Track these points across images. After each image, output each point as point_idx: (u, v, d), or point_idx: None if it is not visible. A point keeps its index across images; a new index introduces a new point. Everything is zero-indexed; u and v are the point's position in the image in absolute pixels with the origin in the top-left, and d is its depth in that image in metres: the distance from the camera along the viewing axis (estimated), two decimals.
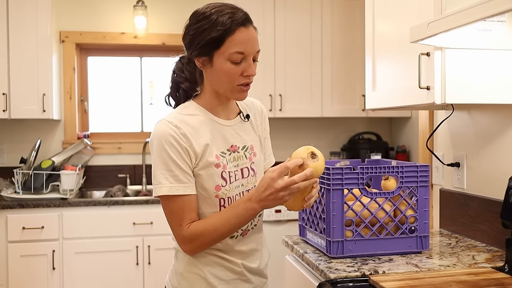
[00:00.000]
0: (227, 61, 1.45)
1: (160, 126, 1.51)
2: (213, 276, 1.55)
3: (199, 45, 1.47)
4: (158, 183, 1.47)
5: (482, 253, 1.85)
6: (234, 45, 1.44)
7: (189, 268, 1.56)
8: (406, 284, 1.47)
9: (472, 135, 2.09)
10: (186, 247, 1.51)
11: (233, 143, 1.57)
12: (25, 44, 3.48)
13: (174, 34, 4.05)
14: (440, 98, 1.67)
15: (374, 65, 2.12)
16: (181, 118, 1.51)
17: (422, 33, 1.48)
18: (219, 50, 1.45)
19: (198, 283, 1.55)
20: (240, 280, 1.59)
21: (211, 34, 1.44)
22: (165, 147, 1.46)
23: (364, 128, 4.32)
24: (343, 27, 3.90)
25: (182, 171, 1.47)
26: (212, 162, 1.50)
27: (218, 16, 1.43)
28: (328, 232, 1.75)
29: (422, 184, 1.81)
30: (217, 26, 1.43)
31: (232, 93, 1.52)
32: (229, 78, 1.48)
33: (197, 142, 1.49)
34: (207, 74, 1.53)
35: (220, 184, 1.51)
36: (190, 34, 1.50)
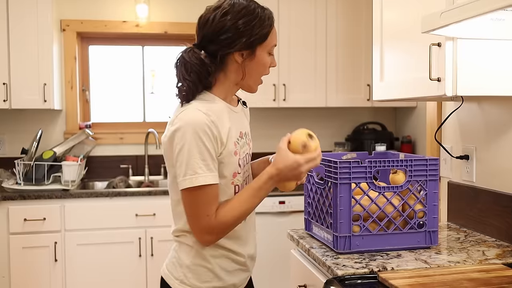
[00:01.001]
0: (267, 53, 1.55)
1: (192, 114, 1.47)
2: (220, 267, 1.59)
3: (250, 40, 1.50)
4: (194, 173, 1.44)
5: (492, 248, 1.81)
6: (273, 39, 1.55)
7: (196, 260, 1.57)
8: (416, 282, 1.43)
9: (482, 127, 2.05)
10: (211, 237, 1.51)
11: (241, 130, 1.61)
12: (26, 33, 3.44)
13: (176, 22, 3.99)
14: (452, 90, 1.62)
15: (382, 55, 2.07)
16: (207, 106, 1.51)
17: (434, 23, 1.43)
18: (263, 44, 1.53)
19: (205, 275, 1.58)
20: (241, 270, 1.65)
21: (262, 30, 1.51)
22: (200, 135, 1.44)
23: (368, 118, 4.27)
24: (348, 15, 3.84)
25: (213, 161, 1.48)
26: (232, 149, 1.53)
27: (260, 11, 1.52)
28: (335, 227, 1.72)
29: (432, 178, 1.77)
30: (265, 21, 1.51)
31: (256, 84, 1.60)
32: (263, 69, 1.57)
33: (222, 130, 1.50)
34: (246, 67, 1.55)
35: (236, 171, 1.56)
36: (239, 28, 1.49)
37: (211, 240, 1.53)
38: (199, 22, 1.56)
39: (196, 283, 1.58)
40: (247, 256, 1.65)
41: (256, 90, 1.62)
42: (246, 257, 1.65)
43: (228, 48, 1.50)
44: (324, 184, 1.81)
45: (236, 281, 1.64)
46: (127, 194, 3.38)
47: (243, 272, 1.67)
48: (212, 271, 1.58)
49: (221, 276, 1.59)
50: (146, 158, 3.94)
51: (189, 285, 1.58)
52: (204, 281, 1.58)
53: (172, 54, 4.20)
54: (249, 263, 1.68)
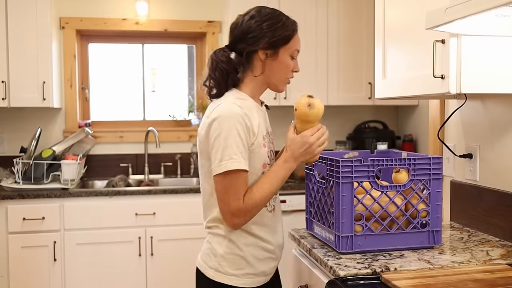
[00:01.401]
0: (289, 56, 1.73)
1: (228, 107, 1.63)
2: (252, 255, 1.72)
3: (273, 39, 1.68)
4: (229, 158, 1.59)
5: (496, 248, 1.78)
6: (296, 44, 1.74)
7: (229, 249, 1.71)
8: (420, 283, 1.40)
9: (486, 125, 2.02)
10: (240, 220, 1.64)
11: (267, 128, 1.78)
12: (25, 31, 3.41)
13: (176, 20, 3.97)
14: (456, 88, 1.60)
15: (384, 53, 2.04)
16: (240, 101, 1.67)
17: (439, 19, 1.40)
18: (286, 46, 1.71)
19: (238, 262, 1.71)
20: (270, 258, 1.77)
21: (285, 31, 1.70)
22: (235, 125, 1.60)
23: (370, 116, 4.25)
24: (349, 13, 3.81)
25: (246, 150, 1.63)
26: (261, 142, 1.69)
27: (285, 18, 1.72)
28: (337, 226, 1.69)
29: (435, 177, 1.75)
30: (288, 26, 1.71)
31: (282, 84, 1.76)
32: (287, 70, 1.74)
33: (254, 123, 1.66)
34: (266, 65, 1.71)
35: (266, 163, 1.71)
36: (263, 28, 1.68)
37: (239, 223, 1.65)
38: (231, 27, 1.75)
39: (230, 271, 1.70)
40: (276, 245, 1.78)
41: (282, 89, 1.78)
42: (275, 245, 1.78)
43: (253, 46, 1.68)
44: (326, 183, 1.79)
45: (266, 268, 1.77)
46: (127, 193, 3.35)
47: (272, 260, 1.78)
48: (244, 259, 1.71)
49: (253, 263, 1.72)
50: (146, 157, 3.91)
51: (224, 273, 1.71)
52: (238, 268, 1.71)
53: (172, 52, 4.22)
54: (278, 251, 1.80)
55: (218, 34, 4.03)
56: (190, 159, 3.98)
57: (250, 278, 1.73)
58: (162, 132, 3.92)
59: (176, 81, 4.28)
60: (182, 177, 3.94)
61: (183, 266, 3.33)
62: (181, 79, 4.28)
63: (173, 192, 3.38)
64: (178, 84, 4.28)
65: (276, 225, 1.79)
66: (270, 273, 1.80)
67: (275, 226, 1.79)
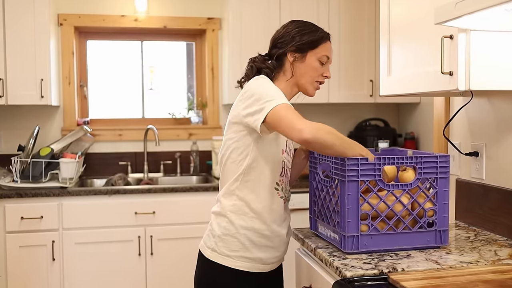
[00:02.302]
0: (317, 60, 1.83)
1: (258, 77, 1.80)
2: (248, 239, 1.77)
3: (299, 43, 1.81)
4: (272, 98, 1.67)
5: (504, 248, 1.75)
6: (325, 50, 1.85)
7: (226, 231, 1.78)
8: (429, 284, 1.37)
9: (493, 123, 1.99)
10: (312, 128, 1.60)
11: None
12: (22, 27, 3.37)
13: (176, 17, 3.93)
14: (464, 84, 1.56)
15: (389, 49, 2.01)
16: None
17: (448, 13, 1.37)
18: (313, 51, 1.83)
19: (234, 244, 1.77)
20: (269, 247, 1.81)
21: (312, 37, 1.83)
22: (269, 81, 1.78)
23: (371, 114, 4.21)
24: (350, 11, 3.77)
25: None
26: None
27: (315, 27, 1.87)
28: (343, 226, 1.66)
29: (442, 175, 1.72)
30: (317, 32, 1.84)
31: (310, 87, 1.86)
32: (314, 73, 1.83)
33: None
34: (295, 67, 1.83)
35: (284, 150, 1.83)
36: (292, 33, 1.83)
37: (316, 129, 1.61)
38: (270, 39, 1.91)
39: (225, 251, 1.78)
40: (276, 234, 1.82)
41: (312, 93, 1.88)
42: (275, 235, 1.82)
43: (283, 49, 1.83)
44: (331, 182, 1.75)
45: (263, 256, 1.81)
46: (126, 191, 3.31)
47: (270, 249, 1.82)
48: (240, 241, 1.77)
49: (249, 247, 1.78)
50: (145, 155, 3.88)
51: (220, 253, 1.78)
52: (232, 250, 1.77)
53: (170, 50, 4.18)
54: (278, 242, 1.84)
55: (218, 31, 3.99)
56: (190, 157, 3.94)
57: (245, 262, 1.78)
58: (162, 130, 3.88)
59: (175, 79, 4.24)
60: (182, 176, 3.90)
61: (183, 265, 3.29)
62: (179, 76, 4.24)
63: (173, 191, 3.35)
64: (176, 81, 4.24)
65: (284, 217, 1.86)
66: (270, 263, 1.84)
67: (283, 217, 1.85)
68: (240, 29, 3.64)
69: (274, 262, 1.87)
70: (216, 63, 3.98)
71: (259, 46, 3.68)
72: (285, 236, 1.88)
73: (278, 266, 1.92)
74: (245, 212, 1.78)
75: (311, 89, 1.86)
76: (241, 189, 1.78)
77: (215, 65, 3.98)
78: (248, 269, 1.79)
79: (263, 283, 1.85)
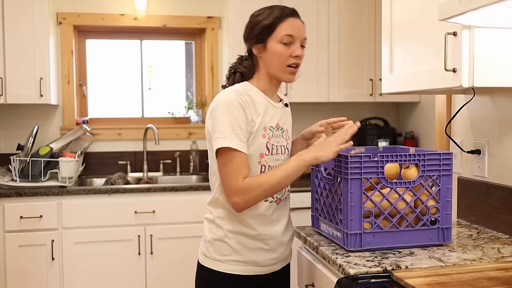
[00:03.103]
0: (279, 43, 1.71)
1: (227, 93, 1.70)
2: (238, 243, 1.73)
3: (256, 33, 1.73)
4: (223, 136, 1.64)
5: (507, 245, 1.75)
6: (284, 29, 1.71)
7: (215, 236, 1.75)
8: (433, 281, 1.37)
9: (495, 120, 1.98)
10: (239, 199, 1.63)
11: (278, 122, 1.79)
12: (21, 26, 3.35)
13: (175, 16, 3.92)
14: (468, 81, 1.56)
15: (391, 47, 2.00)
16: (243, 89, 1.72)
17: (453, 10, 1.36)
18: (272, 35, 1.72)
19: (224, 249, 1.74)
20: (263, 250, 1.76)
21: (266, 21, 1.72)
22: (232, 109, 1.65)
23: (371, 113, 4.21)
24: (350, 11, 3.76)
25: (243, 132, 1.66)
26: (260, 131, 1.71)
27: (271, 10, 1.74)
28: (346, 224, 1.65)
29: (445, 173, 1.71)
30: (270, 15, 1.72)
31: (283, 74, 1.75)
32: (280, 58, 1.72)
33: (254, 111, 1.70)
34: (262, 59, 1.76)
35: (264, 153, 1.72)
36: (249, 27, 1.77)
37: (241, 201, 1.64)
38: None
39: (216, 256, 1.75)
40: (270, 237, 1.76)
41: (288, 79, 1.77)
42: (270, 237, 1.76)
43: (247, 43, 1.78)
44: (333, 179, 1.75)
45: (258, 259, 1.76)
46: (126, 191, 3.30)
47: (266, 252, 1.76)
48: (230, 246, 1.73)
49: (240, 251, 1.73)
50: (144, 154, 3.87)
51: (211, 258, 1.76)
52: (223, 254, 1.74)
53: (169, 49, 4.17)
54: (274, 244, 1.78)
55: (218, 30, 3.98)
56: (190, 157, 3.93)
57: (238, 265, 1.74)
58: (161, 129, 3.87)
59: (174, 78, 4.23)
60: (182, 175, 3.89)
61: (183, 264, 3.28)
62: (179, 75, 4.23)
63: (173, 190, 3.34)
64: (176, 81, 4.23)
65: (278, 218, 1.79)
66: (266, 265, 1.78)
67: (277, 220, 1.78)
68: (240, 28, 3.58)
69: (272, 264, 1.81)
70: (215, 62, 3.98)
71: None
72: (281, 236, 1.80)
73: (282, 267, 1.86)
74: (231, 218, 1.74)
75: (285, 75, 1.75)
76: (224, 197, 1.73)
77: (215, 64, 3.97)
78: (242, 273, 1.74)
79: (264, 285, 1.80)
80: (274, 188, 1.65)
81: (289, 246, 1.87)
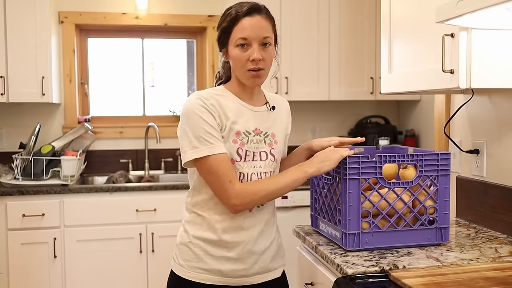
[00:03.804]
0: (235, 47, 1.62)
1: (191, 99, 1.64)
2: (201, 249, 1.66)
3: (218, 37, 1.68)
4: (193, 147, 1.59)
5: (504, 245, 1.76)
6: (238, 32, 1.61)
7: (182, 239, 1.72)
8: (430, 281, 1.38)
9: (493, 121, 1.99)
10: (237, 201, 1.58)
11: (258, 127, 1.70)
12: (23, 25, 3.37)
13: (176, 14, 3.93)
14: (465, 83, 1.57)
15: (390, 47, 2.01)
16: (209, 94, 1.66)
17: (450, 12, 1.37)
18: (230, 39, 1.64)
19: (186, 254, 1.69)
20: (229, 259, 1.65)
21: (224, 25, 1.64)
22: (196, 113, 1.59)
23: (371, 111, 4.22)
24: (351, 7, 3.77)
25: (217, 131, 1.60)
26: (231, 137, 1.64)
27: (229, 11, 1.64)
28: (344, 223, 1.67)
29: (443, 173, 1.72)
30: (226, 17, 1.64)
31: (245, 79, 1.65)
32: (239, 63, 1.63)
33: (223, 115, 1.63)
34: (231, 64, 1.69)
35: (234, 159, 1.64)
36: (217, 33, 1.70)
37: (237, 204, 1.59)
38: None
39: (181, 261, 1.70)
40: (234, 245, 1.65)
41: (250, 84, 1.66)
42: (233, 245, 1.65)
43: (219, 49, 1.72)
44: (332, 180, 1.76)
45: (222, 268, 1.65)
46: (127, 189, 3.33)
47: (233, 261, 1.65)
48: (192, 251, 1.67)
49: (203, 258, 1.66)
50: (146, 153, 3.89)
51: (177, 263, 1.72)
52: (186, 259, 1.68)
53: (172, 47, 4.18)
54: (241, 253, 1.66)
55: None
56: None
57: (200, 273, 1.65)
58: (162, 128, 3.88)
59: (176, 76, 4.24)
60: (183, 173, 3.91)
61: None
62: (180, 74, 4.25)
63: (174, 188, 3.36)
64: (177, 79, 4.25)
65: (248, 225, 1.67)
66: (234, 276, 1.66)
67: (247, 226, 1.66)
68: None
69: (243, 276, 1.68)
70: (216, 60, 3.99)
71: None
72: (252, 245, 1.67)
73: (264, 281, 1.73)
74: (197, 222, 1.68)
75: (246, 80, 1.65)
76: (194, 203, 1.71)
77: (216, 63, 3.99)
78: (204, 281, 1.65)
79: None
80: (272, 195, 1.61)
81: (268, 257, 1.72)
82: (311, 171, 1.62)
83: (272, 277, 1.75)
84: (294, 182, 1.62)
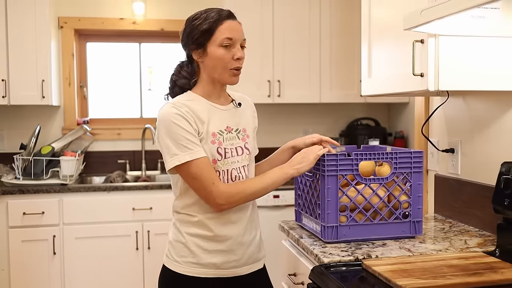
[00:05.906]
0: (219, 47, 1.70)
1: (165, 109, 1.71)
2: (195, 245, 1.74)
3: (194, 38, 1.72)
4: (173, 155, 1.66)
5: (474, 237, 1.88)
6: (223, 33, 1.70)
7: (175, 237, 1.78)
8: (398, 268, 1.49)
9: (467, 121, 2.11)
10: (221, 201, 1.68)
11: (228, 125, 1.78)
12: (24, 30, 3.48)
13: (172, 20, 4.05)
14: (434, 85, 1.69)
15: (369, 52, 2.13)
16: (181, 102, 1.72)
17: (415, 20, 1.49)
18: (211, 40, 1.70)
19: (181, 250, 1.75)
20: (222, 252, 1.74)
21: (204, 25, 1.70)
22: (173, 121, 1.66)
23: (362, 113, 4.33)
24: (341, 11, 3.88)
25: (195, 137, 1.68)
26: (208, 138, 1.71)
27: (207, 14, 1.72)
28: (323, 217, 1.78)
29: (416, 170, 1.83)
30: (207, 20, 1.70)
31: (227, 77, 1.74)
32: (223, 62, 1.71)
33: (198, 120, 1.70)
34: (203, 64, 1.75)
35: (216, 159, 1.72)
36: (186, 32, 1.76)
37: (222, 203, 1.68)
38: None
39: (175, 257, 1.76)
40: (227, 238, 1.74)
41: (232, 81, 1.76)
42: (226, 238, 1.74)
43: (187, 50, 1.78)
44: (313, 177, 1.87)
45: (217, 261, 1.74)
46: (124, 188, 3.43)
47: (225, 253, 1.74)
48: (186, 247, 1.74)
49: (197, 253, 1.73)
50: (143, 153, 4.00)
51: (171, 259, 1.77)
52: (181, 255, 1.75)
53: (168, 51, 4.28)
54: (232, 245, 1.75)
55: None
56: None
57: (195, 267, 1.73)
58: None
59: None
60: None
61: None
62: None
63: (170, 188, 3.41)
64: None
65: (236, 219, 1.76)
66: (227, 267, 1.76)
67: (237, 221, 1.76)
68: None
69: (234, 267, 1.77)
70: None
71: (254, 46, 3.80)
72: (241, 237, 1.77)
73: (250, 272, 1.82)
74: (188, 220, 1.75)
75: (229, 78, 1.74)
76: (183, 205, 1.76)
77: None
78: (200, 275, 1.73)
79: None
80: (255, 194, 1.71)
81: (253, 247, 1.82)
82: (291, 173, 1.73)
83: (257, 268, 1.86)
84: (275, 183, 1.73)
